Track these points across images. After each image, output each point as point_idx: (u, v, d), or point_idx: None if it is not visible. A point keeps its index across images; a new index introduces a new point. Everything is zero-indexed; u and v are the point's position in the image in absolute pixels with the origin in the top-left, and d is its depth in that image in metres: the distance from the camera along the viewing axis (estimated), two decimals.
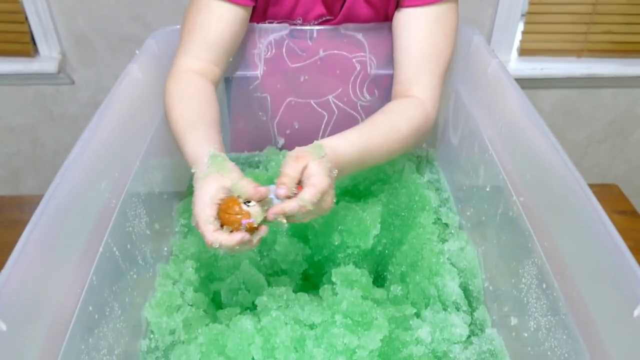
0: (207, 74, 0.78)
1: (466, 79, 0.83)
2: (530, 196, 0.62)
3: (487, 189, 0.73)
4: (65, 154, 0.55)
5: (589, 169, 2.03)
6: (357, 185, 0.83)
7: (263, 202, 0.58)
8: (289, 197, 0.58)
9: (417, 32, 0.78)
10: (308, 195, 0.57)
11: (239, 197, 0.58)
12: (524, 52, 1.78)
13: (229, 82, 0.95)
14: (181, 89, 0.74)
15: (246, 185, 0.58)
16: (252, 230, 0.57)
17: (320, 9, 0.82)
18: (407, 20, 0.79)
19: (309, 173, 0.59)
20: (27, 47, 1.71)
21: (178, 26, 0.86)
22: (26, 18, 1.66)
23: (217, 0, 0.76)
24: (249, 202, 0.57)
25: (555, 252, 0.55)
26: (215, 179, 0.59)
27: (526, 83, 1.79)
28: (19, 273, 0.43)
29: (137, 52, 0.81)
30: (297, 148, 0.63)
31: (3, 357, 0.40)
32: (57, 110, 1.86)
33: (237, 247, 0.56)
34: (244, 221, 0.56)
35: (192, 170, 0.63)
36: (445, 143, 0.92)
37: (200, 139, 0.66)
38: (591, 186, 0.59)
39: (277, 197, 0.58)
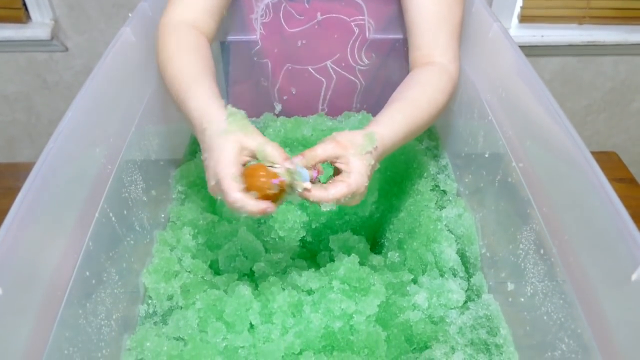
0: (201, 26, 0.75)
1: (466, 44, 0.81)
2: (530, 162, 0.61)
3: (486, 155, 0.73)
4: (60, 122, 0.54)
5: (588, 138, 2.03)
6: None
7: (288, 170, 0.55)
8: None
9: None
10: (338, 192, 0.56)
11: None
12: (524, 18, 1.75)
13: (226, 47, 0.93)
14: (177, 42, 0.70)
15: (274, 151, 0.55)
16: (279, 195, 0.55)
17: None
18: None
19: (349, 168, 0.58)
20: (19, 12, 1.67)
21: None
22: None
23: None
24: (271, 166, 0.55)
25: (553, 218, 0.55)
26: (238, 139, 0.55)
27: (526, 50, 1.77)
28: (14, 238, 0.43)
29: (130, 15, 0.79)
30: (347, 132, 0.61)
31: (1, 320, 0.40)
32: (51, 78, 1.83)
33: (257, 215, 0.54)
34: (274, 181, 0.53)
35: (204, 126, 0.58)
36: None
37: (209, 93, 0.62)
38: (590, 153, 0.59)
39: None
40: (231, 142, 0.55)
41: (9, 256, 0.42)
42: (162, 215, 0.79)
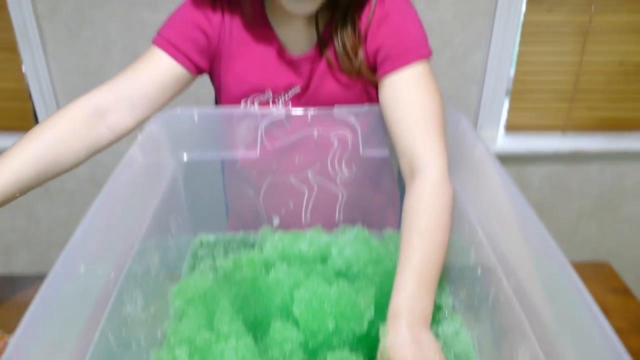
0: (111, 116, 0.82)
1: (454, 162, 0.86)
2: (520, 280, 0.63)
3: (479, 271, 0.75)
4: (60, 229, 0.56)
5: (581, 244, 2.05)
6: (350, 267, 0.84)
7: None
8: None
9: (400, 98, 0.82)
10: None
11: None
12: (510, 128, 1.85)
13: (222, 164, 0.98)
14: (46, 121, 0.79)
15: None
16: None
17: (290, 79, 0.87)
18: (387, 92, 0.83)
19: None
20: (29, 123, 1.76)
21: (179, 110, 0.90)
22: (30, 96, 1.72)
23: (161, 50, 0.84)
24: None
25: (546, 337, 0.56)
26: None
27: (514, 159, 1.85)
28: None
29: (138, 134, 0.84)
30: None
31: None
32: (54, 185, 1.88)
33: None
34: None
35: None
36: None
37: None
38: (583, 265, 0.60)
39: None
40: None
41: None
42: (159, 332, 0.79)
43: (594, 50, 1.74)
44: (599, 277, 1.05)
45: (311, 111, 0.89)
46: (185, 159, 0.93)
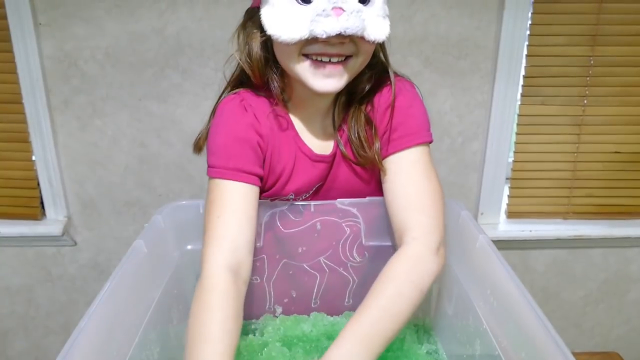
0: (241, 270, 0.77)
1: (456, 252, 0.87)
2: None
3: None
4: (59, 315, 0.56)
5: (590, 330, 2.00)
6: None
7: None
8: None
9: (399, 176, 0.84)
10: None
11: None
12: (511, 214, 1.86)
13: None
14: (211, 303, 0.72)
15: None
16: None
17: (313, 180, 0.89)
18: (388, 172, 0.85)
19: None
20: (36, 210, 1.78)
21: (184, 201, 0.92)
22: (38, 184, 1.75)
23: (233, 182, 0.80)
24: None
25: None
26: None
27: (517, 244, 1.85)
28: None
29: (145, 225, 0.86)
30: None
31: None
32: (55, 271, 1.88)
33: None
34: None
35: None
36: (441, 313, 0.93)
37: None
38: (592, 354, 0.59)
39: None
40: None
41: None
42: None
43: (589, 140, 1.78)
44: None
45: (314, 203, 0.91)
46: (189, 248, 0.94)
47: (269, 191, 0.88)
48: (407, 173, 0.84)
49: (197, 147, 0.91)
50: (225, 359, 0.67)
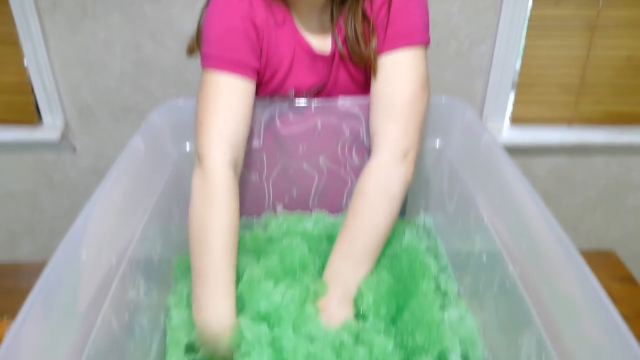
0: (238, 164, 0.78)
1: (460, 152, 0.85)
2: (525, 266, 0.62)
3: (484, 259, 0.74)
4: (64, 219, 0.56)
5: (586, 234, 2.04)
6: None
7: None
8: None
9: (383, 79, 0.81)
10: None
11: None
12: (515, 120, 1.84)
13: None
14: (214, 201, 0.73)
15: None
16: None
17: (312, 78, 0.86)
18: (375, 74, 0.81)
19: None
20: (32, 116, 1.76)
21: (180, 100, 0.89)
22: (32, 89, 1.71)
23: (229, 74, 0.77)
24: None
25: (552, 322, 0.56)
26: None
27: (519, 150, 1.84)
28: (18, 343, 0.43)
29: (142, 124, 0.84)
30: None
31: None
32: (57, 177, 1.88)
33: None
34: None
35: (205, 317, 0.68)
36: (441, 211, 0.94)
37: (224, 293, 0.70)
38: (588, 253, 0.60)
39: None
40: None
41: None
42: (162, 316, 0.78)
43: (601, 45, 1.72)
44: (604, 265, 1.05)
45: (315, 102, 0.88)
46: (187, 149, 0.93)
47: (268, 87, 0.85)
48: (389, 76, 0.80)
49: (190, 49, 0.87)
50: (233, 254, 0.72)
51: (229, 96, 0.77)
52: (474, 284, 0.78)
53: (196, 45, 0.85)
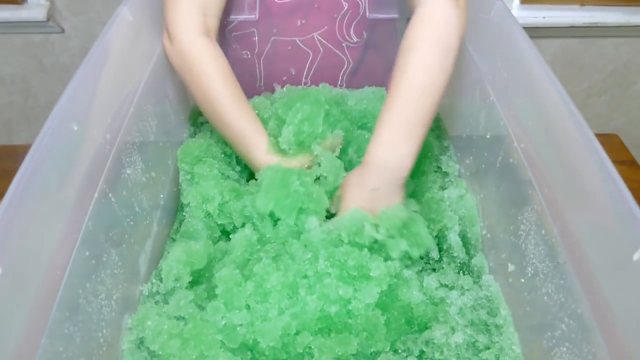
0: (211, 32, 0.75)
1: (468, 22, 0.80)
2: (531, 143, 0.61)
3: (488, 137, 0.72)
4: None
5: (589, 120, 1.98)
6: (361, 128, 0.82)
7: None
8: None
9: None
10: None
11: None
12: None
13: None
14: (204, 67, 0.72)
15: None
16: None
17: None
18: None
19: None
20: None
21: None
22: None
23: None
24: None
25: (555, 198, 0.55)
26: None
27: (527, 32, 1.75)
28: (13, 216, 0.43)
29: None
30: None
31: (0, 300, 0.40)
32: (47, 60, 1.82)
33: None
34: None
35: (253, 150, 0.74)
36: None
37: (252, 122, 0.75)
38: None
39: None
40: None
41: (9, 235, 0.41)
42: (162, 197, 0.78)
43: None
44: (608, 148, 1.03)
45: None
46: None
47: None
48: None
49: None
50: (243, 110, 0.75)
51: None
52: (476, 164, 0.77)
53: None
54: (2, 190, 1.03)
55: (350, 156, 0.80)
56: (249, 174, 0.81)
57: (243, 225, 0.74)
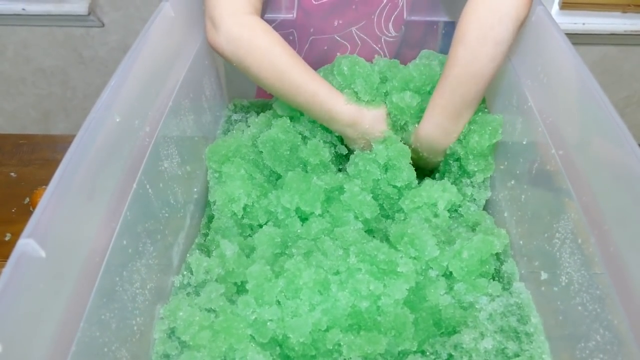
0: (256, 9, 0.75)
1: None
2: (570, 150, 0.60)
3: (524, 142, 0.71)
4: (96, 97, 0.54)
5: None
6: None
7: None
8: None
9: None
10: None
11: None
12: (565, 5, 1.71)
13: None
14: (266, 44, 0.72)
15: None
16: None
17: None
18: None
19: None
20: None
21: None
22: None
23: None
24: None
25: (593, 207, 0.54)
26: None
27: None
28: (57, 203, 0.44)
29: None
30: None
31: (43, 284, 0.41)
32: (87, 53, 1.86)
33: None
34: None
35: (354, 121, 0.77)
36: None
37: (334, 93, 0.76)
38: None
39: None
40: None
41: (53, 221, 0.43)
42: (195, 190, 0.80)
43: None
44: None
45: None
46: None
47: None
48: None
49: None
50: (312, 72, 0.75)
51: None
52: (511, 169, 0.76)
53: None
54: (41, 177, 1.06)
55: None
56: (277, 176, 0.82)
57: (267, 222, 0.75)
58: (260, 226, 0.76)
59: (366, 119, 0.77)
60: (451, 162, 0.80)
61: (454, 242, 0.69)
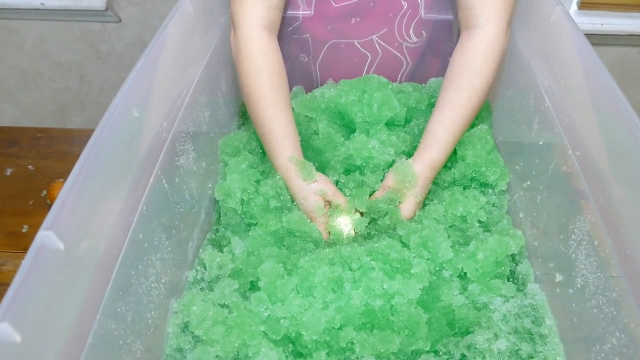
0: (273, 25, 0.76)
1: (525, 27, 0.79)
2: (588, 151, 0.59)
3: (540, 143, 0.71)
4: (111, 92, 0.55)
5: None
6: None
7: None
8: None
9: None
10: None
11: None
12: (584, 5, 1.68)
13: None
14: (255, 64, 0.73)
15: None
16: None
17: None
18: None
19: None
20: None
21: None
22: None
23: None
24: None
25: (610, 209, 0.54)
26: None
27: None
28: (77, 196, 0.44)
29: None
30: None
31: (61, 276, 0.42)
32: (103, 48, 1.87)
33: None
34: None
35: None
36: (497, 94, 0.89)
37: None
38: None
39: None
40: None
41: (71, 214, 0.43)
42: (210, 186, 0.80)
43: None
44: None
45: None
46: None
47: None
48: None
49: None
50: (281, 110, 0.74)
51: None
52: (526, 170, 0.75)
53: None
54: (58, 170, 1.07)
55: None
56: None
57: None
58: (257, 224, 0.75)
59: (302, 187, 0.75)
60: (467, 179, 0.80)
61: (470, 241, 0.69)
